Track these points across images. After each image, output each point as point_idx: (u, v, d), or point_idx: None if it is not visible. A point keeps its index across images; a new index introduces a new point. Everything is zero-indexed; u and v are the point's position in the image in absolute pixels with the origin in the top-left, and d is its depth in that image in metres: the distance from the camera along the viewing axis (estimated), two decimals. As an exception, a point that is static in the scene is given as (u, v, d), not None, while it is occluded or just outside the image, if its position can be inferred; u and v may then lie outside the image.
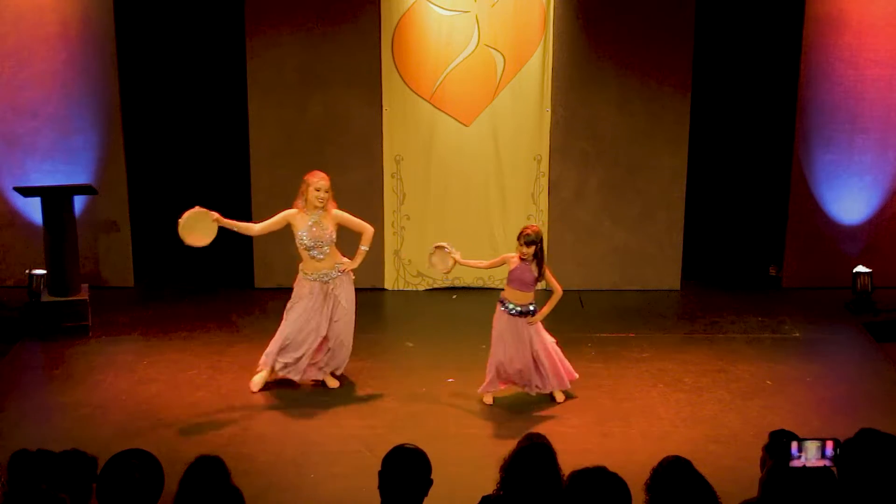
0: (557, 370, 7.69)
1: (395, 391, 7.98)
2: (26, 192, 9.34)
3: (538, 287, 7.64)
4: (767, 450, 4.67)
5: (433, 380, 8.16)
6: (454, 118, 10.06)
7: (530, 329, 7.57)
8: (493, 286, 10.04)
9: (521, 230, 7.51)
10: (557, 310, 7.59)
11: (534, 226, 7.57)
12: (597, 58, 9.93)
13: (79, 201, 9.60)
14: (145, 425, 7.37)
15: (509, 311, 7.56)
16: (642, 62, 9.90)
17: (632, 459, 6.24)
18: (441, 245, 7.80)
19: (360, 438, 7.16)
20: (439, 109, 10.02)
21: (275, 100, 10.00)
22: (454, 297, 10.27)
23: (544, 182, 10.18)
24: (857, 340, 9.14)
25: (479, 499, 4.51)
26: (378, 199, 10.18)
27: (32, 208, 9.74)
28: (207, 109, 10.79)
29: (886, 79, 9.92)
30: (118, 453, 4.33)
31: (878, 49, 9.85)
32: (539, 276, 7.52)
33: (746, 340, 9.07)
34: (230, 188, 10.35)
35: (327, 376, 8.03)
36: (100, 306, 9.38)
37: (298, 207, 7.68)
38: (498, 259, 7.78)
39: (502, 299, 7.63)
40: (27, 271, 9.61)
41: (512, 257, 7.58)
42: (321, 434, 7.30)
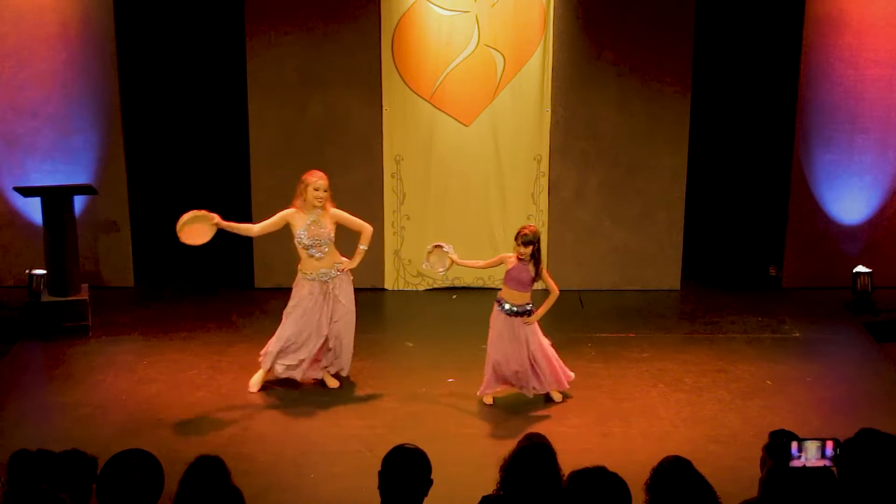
0: (554, 370, 7.69)
1: (395, 391, 7.99)
2: (26, 192, 9.34)
3: (536, 287, 7.64)
4: (767, 450, 4.67)
5: (433, 380, 8.16)
6: (454, 118, 10.06)
7: (526, 329, 7.57)
8: (492, 286, 10.03)
9: (518, 230, 7.51)
10: (557, 310, 7.60)
11: (531, 226, 7.58)
12: (597, 58, 9.93)
13: (79, 201, 9.60)
14: (145, 425, 7.37)
15: (506, 311, 7.57)
16: (642, 62, 9.91)
17: (632, 459, 6.24)
18: (439, 245, 7.81)
19: (360, 438, 7.16)
20: (439, 109, 10.02)
21: (275, 100, 10.00)
22: (454, 297, 10.27)
23: (544, 182, 10.18)
24: (857, 340, 9.14)
25: (479, 499, 4.51)
26: (378, 199, 10.18)
27: (32, 208, 9.74)
28: (207, 109, 10.79)
29: (886, 79, 9.92)
30: (118, 453, 4.33)
31: (878, 49, 9.85)
32: (536, 276, 7.52)
33: (746, 340, 9.07)
34: (230, 188, 10.36)
35: (327, 376, 8.03)
36: (100, 306, 9.38)
37: (297, 207, 7.68)
38: (495, 259, 7.78)
39: (499, 299, 7.63)
40: (27, 271, 9.61)
41: (509, 257, 7.58)
42: (321, 434, 7.30)
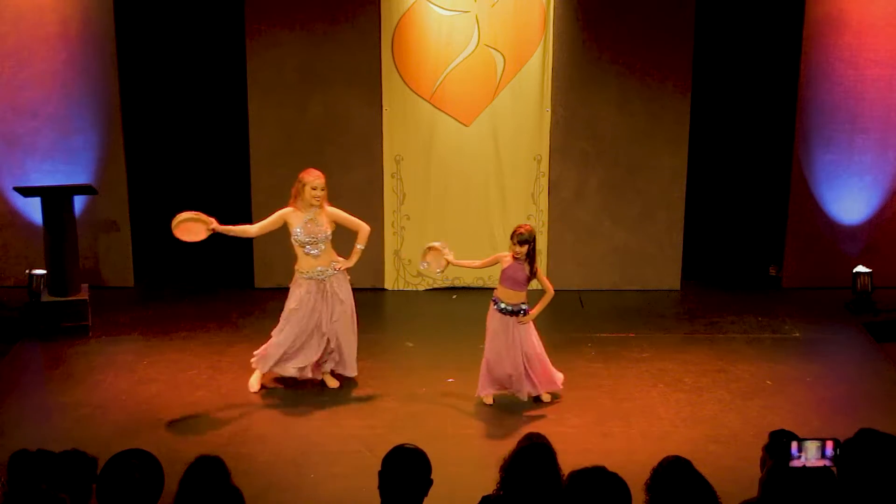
0: (547, 372, 7.68)
1: (395, 391, 7.98)
2: (26, 192, 9.34)
3: (532, 287, 7.64)
4: (767, 450, 4.67)
5: (433, 380, 8.16)
6: (454, 118, 10.06)
7: (520, 329, 7.56)
8: (492, 286, 9.86)
9: (514, 229, 7.51)
10: (557, 310, 7.61)
11: (527, 225, 7.57)
12: (597, 58, 9.93)
13: (79, 201, 9.60)
14: (145, 425, 7.37)
15: (500, 310, 7.56)
16: (642, 62, 9.90)
17: (632, 459, 6.24)
18: (434, 245, 7.81)
19: (360, 438, 7.16)
20: (439, 109, 10.02)
21: (275, 100, 10.00)
22: (454, 297, 10.27)
23: (544, 182, 10.18)
24: (857, 340, 9.14)
25: (479, 499, 4.51)
26: (378, 199, 10.18)
27: (32, 208, 9.74)
28: (207, 109, 10.78)
29: (886, 79, 9.92)
30: (118, 453, 4.33)
31: (878, 49, 9.85)
32: (531, 275, 7.52)
33: (746, 340, 9.07)
34: (230, 188, 10.36)
35: (327, 376, 8.03)
36: (100, 306, 9.38)
37: (294, 206, 7.68)
38: (491, 258, 7.78)
39: (495, 298, 7.63)
40: (27, 271, 9.61)
41: (505, 256, 7.58)
42: (321, 434, 7.30)
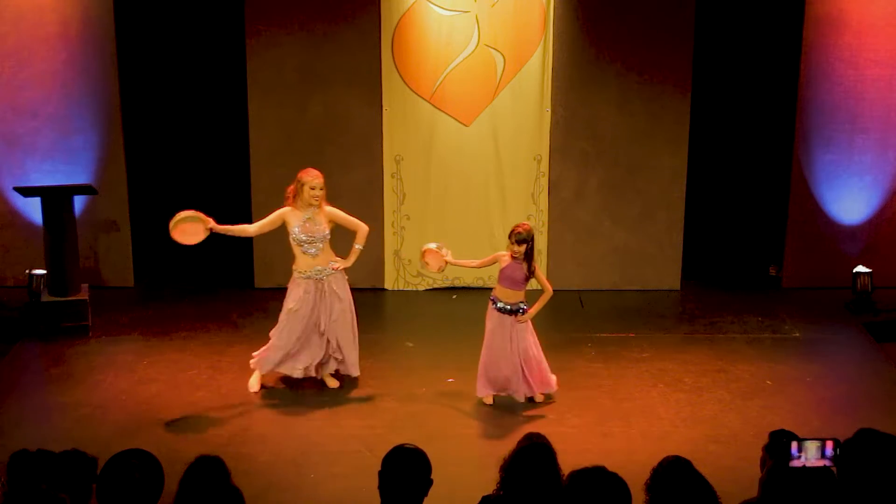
0: (543, 373, 7.68)
1: (395, 391, 7.98)
2: (26, 192, 9.34)
3: (533, 287, 7.64)
4: (767, 450, 4.67)
5: (433, 380, 8.16)
6: (454, 118, 10.06)
7: (519, 328, 7.56)
8: (492, 286, 9.85)
9: (512, 228, 7.51)
10: (557, 310, 7.61)
11: (525, 224, 7.57)
12: (597, 58, 9.93)
13: (79, 201, 9.60)
14: (145, 425, 7.37)
15: (499, 309, 7.56)
16: (642, 62, 9.90)
17: (632, 459, 6.24)
18: (430, 247, 7.81)
19: (360, 438, 7.16)
20: (439, 109, 10.02)
21: (275, 100, 10.00)
22: (454, 297, 10.27)
23: (544, 182, 10.18)
24: (857, 340, 9.14)
25: (479, 499, 4.51)
26: (378, 199, 10.18)
27: (32, 208, 9.74)
28: (207, 109, 10.78)
29: (886, 79, 9.92)
30: (118, 453, 4.33)
31: (878, 49, 9.85)
32: (529, 274, 7.52)
33: (746, 340, 9.06)
34: (230, 188, 10.36)
35: (327, 376, 8.03)
36: (100, 306, 9.38)
37: (293, 205, 7.68)
38: (489, 258, 7.78)
39: (493, 297, 7.63)
40: (27, 271, 9.61)
41: (503, 255, 7.58)
42: (321, 434, 7.30)
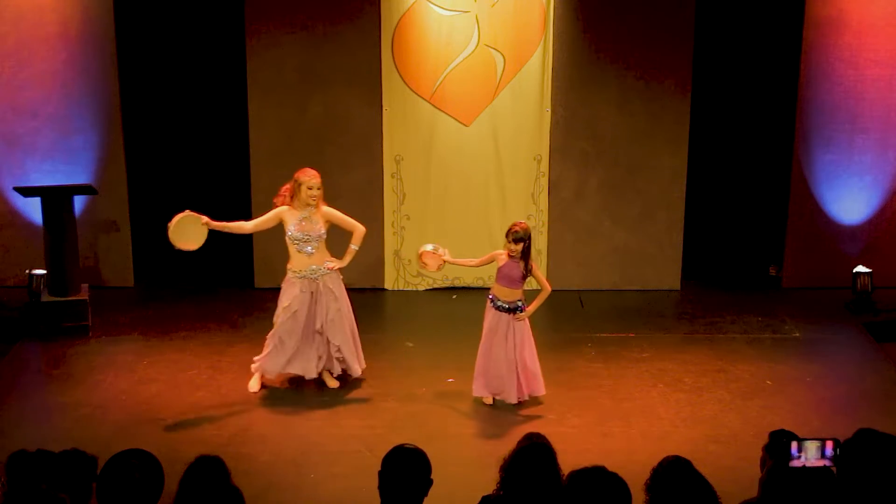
0: (536, 375, 7.67)
1: (395, 391, 7.98)
2: (26, 192, 9.34)
3: (533, 287, 7.64)
4: (767, 450, 4.67)
5: (433, 380, 8.16)
6: (454, 118, 10.06)
7: (516, 327, 7.56)
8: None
9: (509, 227, 7.51)
10: (557, 310, 7.60)
11: (522, 223, 7.56)
12: (597, 58, 9.93)
13: (79, 201, 9.60)
14: (145, 425, 7.37)
15: (497, 307, 7.57)
16: (642, 62, 9.90)
17: (632, 459, 6.24)
18: (426, 249, 7.81)
19: (360, 438, 7.16)
20: (439, 109, 10.02)
21: (275, 100, 10.00)
22: (454, 297, 10.27)
23: (544, 182, 10.18)
24: (857, 340, 9.14)
25: (479, 499, 4.51)
26: (378, 199, 10.18)
27: (32, 208, 9.74)
28: (207, 109, 10.77)
29: (886, 79, 9.92)
30: (118, 453, 4.33)
31: (878, 49, 9.85)
32: (526, 272, 7.52)
33: (746, 340, 9.07)
34: (230, 188, 10.35)
35: (327, 376, 8.03)
36: (100, 306, 9.37)
37: (290, 205, 7.69)
38: (487, 256, 7.77)
39: (491, 296, 7.63)
40: (27, 271, 9.61)
41: (500, 254, 7.58)
42: (321, 434, 7.30)
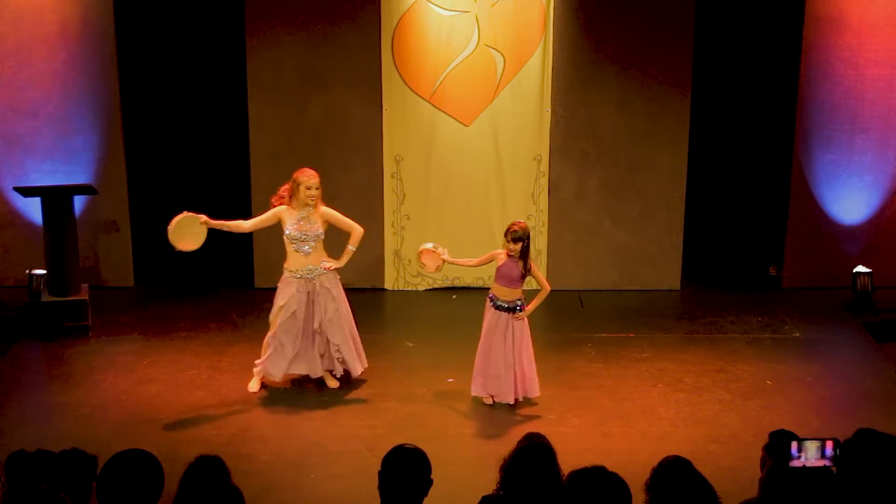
0: (532, 376, 7.67)
1: (395, 391, 7.99)
2: (26, 192, 9.34)
3: (533, 287, 7.63)
4: (767, 450, 4.67)
5: (433, 380, 8.16)
6: (454, 118, 10.06)
7: (515, 326, 7.56)
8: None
9: (507, 227, 7.51)
10: (557, 310, 7.59)
11: (520, 222, 7.56)
12: (597, 58, 9.93)
13: (79, 201, 9.60)
14: (145, 425, 7.37)
15: (496, 306, 7.57)
16: (642, 62, 9.91)
17: (632, 459, 6.24)
18: (426, 247, 7.81)
19: (360, 438, 7.16)
20: (439, 109, 10.02)
21: (275, 100, 10.00)
22: (454, 297, 10.27)
23: (544, 182, 10.18)
24: (857, 340, 9.14)
25: (479, 499, 4.51)
26: (378, 199, 10.18)
27: (32, 208, 9.74)
28: (207, 109, 10.77)
29: (886, 79, 9.92)
30: (118, 453, 4.33)
31: (878, 49, 9.85)
32: (525, 272, 7.52)
33: (746, 340, 9.07)
34: (230, 188, 10.35)
35: (327, 376, 8.03)
36: (100, 306, 9.38)
37: (288, 205, 7.69)
38: (486, 256, 7.77)
39: (491, 295, 7.63)
40: (27, 271, 9.61)
41: (499, 254, 7.58)
42: (321, 434, 7.30)
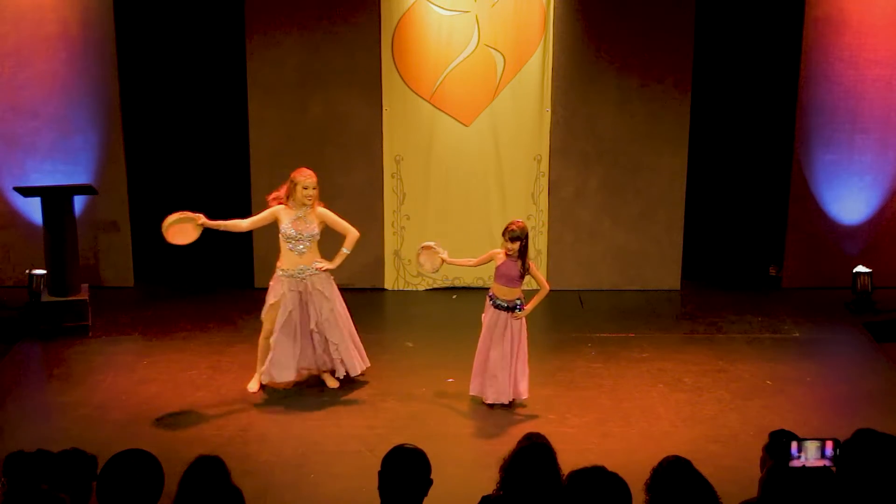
0: (524, 377, 7.66)
1: (395, 391, 7.99)
2: (26, 192, 9.34)
3: (532, 287, 7.63)
4: (767, 450, 4.67)
5: (433, 380, 8.16)
6: (454, 118, 10.06)
7: (514, 326, 7.56)
8: (493, 286, 10.04)
9: (506, 226, 7.51)
10: (557, 310, 7.59)
11: (518, 221, 7.56)
12: (597, 58, 9.93)
13: (79, 201, 9.60)
14: (145, 425, 7.37)
15: (496, 305, 7.57)
16: (642, 62, 9.91)
17: (632, 459, 6.23)
18: (428, 245, 7.82)
19: (360, 438, 7.16)
20: (439, 109, 10.03)
21: (275, 100, 10.00)
22: (454, 297, 10.27)
23: (544, 182, 10.18)
24: (857, 340, 9.14)
25: (479, 499, 4.51)
26: (378, 199, 10.18)
27: (32, 208, 9.74)
28: (207, 109, 10.77)
29: (886, 79, 9.92)
30: (118, 453, 4.32)
31: (878, 49, 9.86)
32: (524, 271, 7.51)
33: (746, 340, 9.07)
34: (230, 188, 10.35)
35: (327, 376, 8.03)
36: (100, 306, 9.38)
37: (285, 204, 7.70)
38: (485, 256, 7.77)
39: (490, 295, 7.64)
40: (27, 271, 9.61)
41: (498, 253, 7.58)
42: (321, 434, 7.30)
